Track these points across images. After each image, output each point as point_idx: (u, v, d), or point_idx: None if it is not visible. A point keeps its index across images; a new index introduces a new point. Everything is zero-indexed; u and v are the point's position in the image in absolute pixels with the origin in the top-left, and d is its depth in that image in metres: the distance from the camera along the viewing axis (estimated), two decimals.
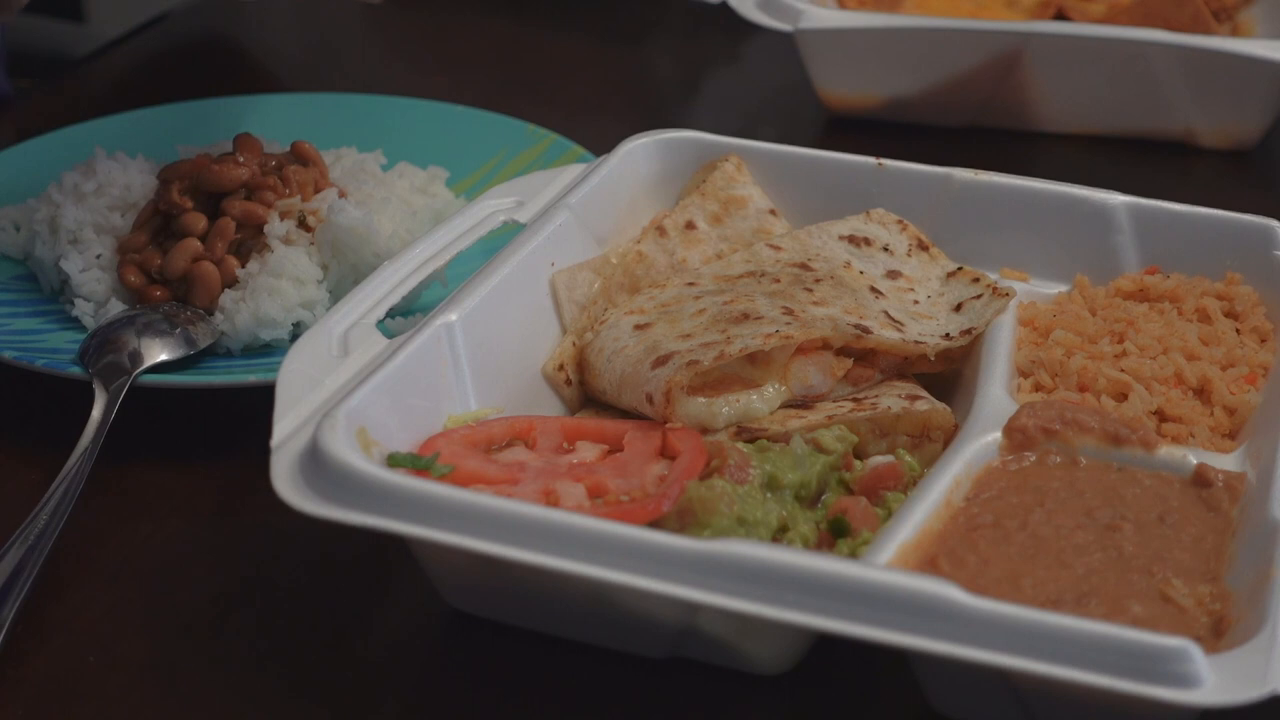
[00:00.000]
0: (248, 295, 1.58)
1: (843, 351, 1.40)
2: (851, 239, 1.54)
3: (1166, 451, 1.31)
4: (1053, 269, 1.54)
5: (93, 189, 1.69)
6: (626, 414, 1.39)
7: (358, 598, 1.34)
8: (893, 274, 1.52)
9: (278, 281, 1.59)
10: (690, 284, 1.48)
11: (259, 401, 1.33)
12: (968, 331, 1.44)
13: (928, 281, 1.52)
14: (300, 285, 1.60)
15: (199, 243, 1.62)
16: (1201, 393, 1.38)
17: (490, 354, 1.38)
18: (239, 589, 1.37)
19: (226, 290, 1.59)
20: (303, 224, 1.66)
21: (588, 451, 1.32)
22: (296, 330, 1.61)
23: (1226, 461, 1.30)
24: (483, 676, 1.26)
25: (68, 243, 1.66)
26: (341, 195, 1.70)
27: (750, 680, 1.23)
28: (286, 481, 1.18)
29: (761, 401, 1.36)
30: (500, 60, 2.47)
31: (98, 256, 1.65)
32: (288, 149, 1.75)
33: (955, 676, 1.16)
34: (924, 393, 1.40)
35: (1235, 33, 2.27)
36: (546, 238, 1.47)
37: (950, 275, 1.53)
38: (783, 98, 2.30)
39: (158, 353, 1.53)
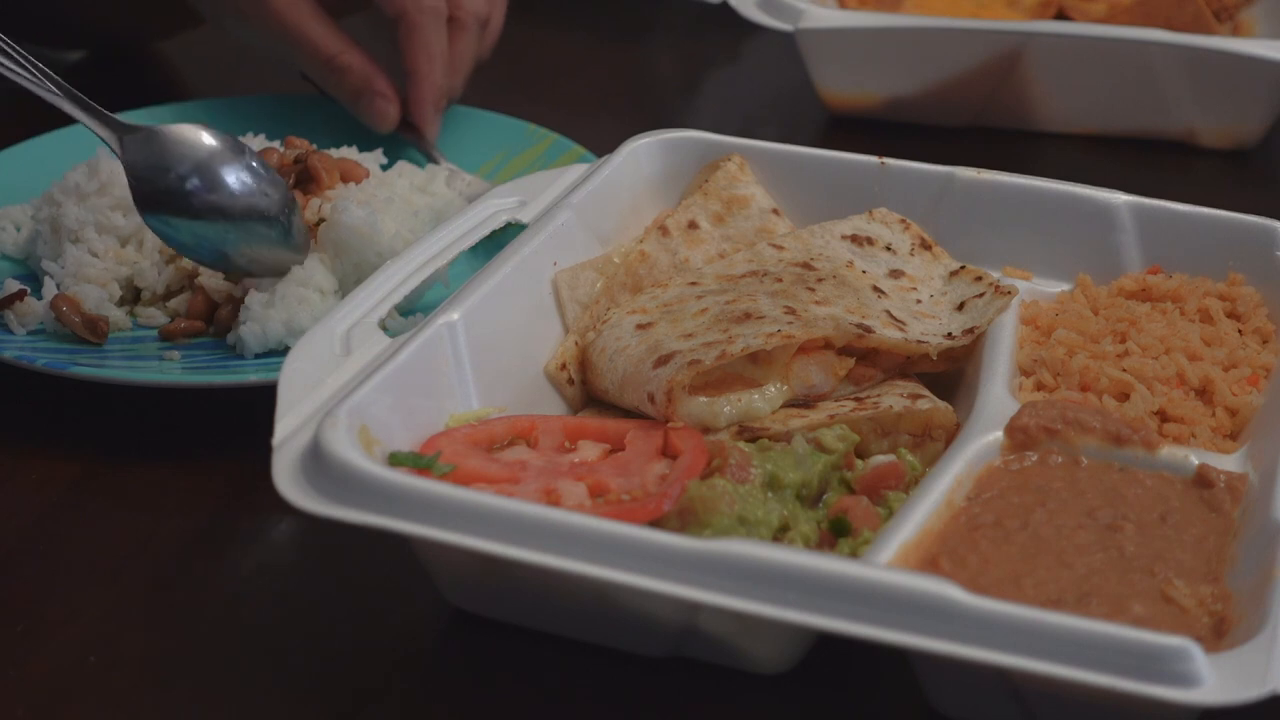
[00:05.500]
0: (277, 302, 1.58)
1: (845, 351, 1.40)
2: (854, 238, 1.54)
3: (1168, 452, 1.31)
4: (1055, 268, 1.55)
5: (95, 189, 1.69)
6: (628, 413, 1.39)
7: (359, 597, 1.34)
8: (895, 273, 1.51)
9: (305, 291, 1.59)
10: (693, 283, 1.48)
11: (260, 401, 1.33)
12: (970, 330, 1.44)
13: (930, 280, 1.52)
14: (324, 296, 1.60)
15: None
16: (1203, 393, 1.38)
17: (492, 353, 1.38)
18: (239, 588, 1.37)
19: (254, 293, 1.59)
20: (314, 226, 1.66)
21: (589, 451, 1.32)
22: None
23: (1228, 462, 1.30)
24: (484, 675, 1.26)
25: (69, 242, 1.66)
26: (347, 180, 1.70)
27: (750, 680, 1.23)
28: (288, 480, 1.17)
29: (763, 401, 1.35)
30: (500, 60, 2.47)
31: (98, 256, 1.65)
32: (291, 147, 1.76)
33: (955, 676, 1.16)
34: (926, 392, 1.40)
35: (1236, 33, 2.27)
36: (549, 237, 1.47)
37: (953, 274, 1.53)
38: (783, 98, 2.30)
39: None
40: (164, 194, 1.56)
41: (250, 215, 1.57)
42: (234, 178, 1.57)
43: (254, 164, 1.59)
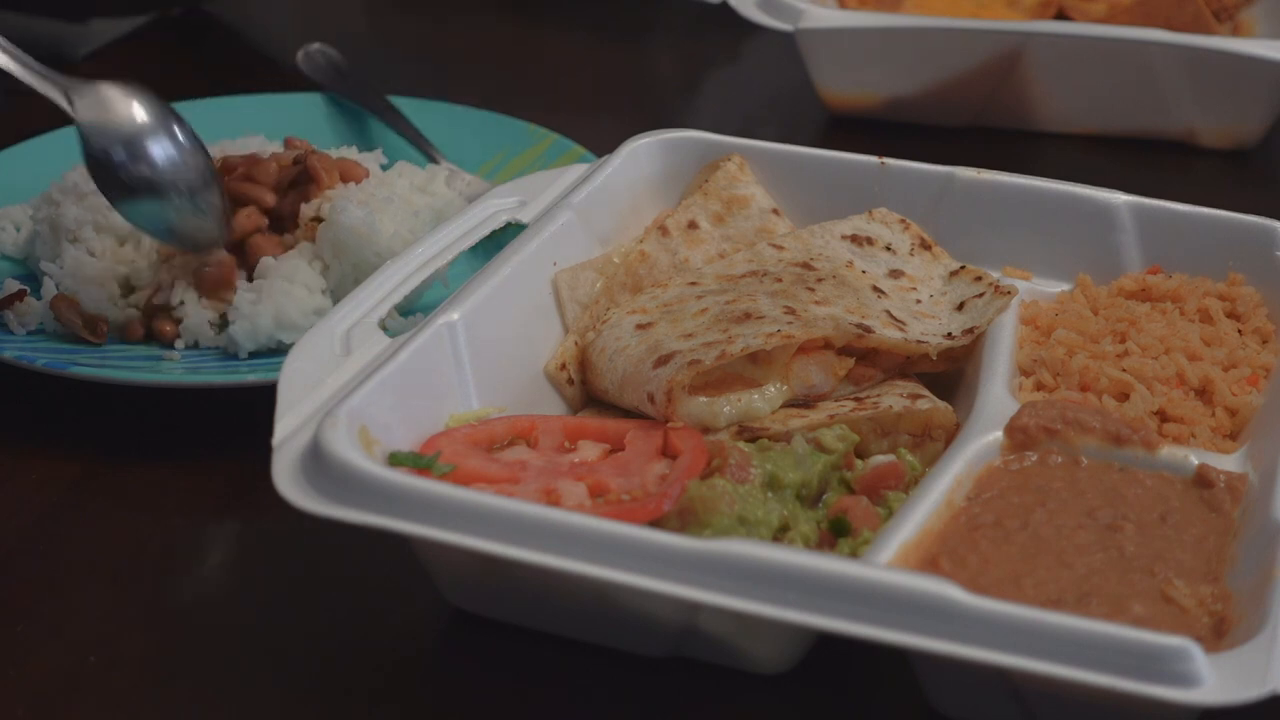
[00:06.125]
0: (264, 299, 1.58)
1: (845, 351, 1.40)
2: (854, 238, 1.54)
3: (1168, 452, 1.31)
4: (1055, 268, 1.54)
5: (94, 188, 1.69)
6: (628, 413, 1.39)
7: (359, 597, 1.34)
8: (895, 273, 1.51)
9: (291, 286, 1.59)
10: (692, 283, 1.48)
11: (260, 401, 1.33)
12: (970, 330, 1.44)
13: (930, 280, 1.52)
14: (310, 292, 1.60)
15: (264, 216, 1.67)
16: (1203, 393, 1.38)
17: (492, 353, 1.38)
18: (239, 588, 1.37)
19: (241, 292, 1.59)
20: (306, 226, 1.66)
21: (589, 451, 1.32)
22: None
23: (1228, 462, 1.30)
24: (484, 675, 1.26)
25: (68, 242, 1.66)
26: (346, 180, 1.70)
27: (750, 680, 1.23)
28: (288, 480, 1.17)
29: (763, 401, 1.35)
30: (500, 60, 2.47)
31: (96, 255, 1.65)
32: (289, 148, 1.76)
33: (955, 676, 1.16)
34: (926, 392, 1.40)
35: (1236, 32, 2.27)
36: (549, 237, 1.47)
37: (953, 274, 1.53)
38: (783, 98, 2.30)
39: None
40: (110, 161, 1.58)
41: (172, 189, 1.58)
42: (159, 150, 1.58)
43: (178, 133, 1.60)
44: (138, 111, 1.59)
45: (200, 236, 1.61)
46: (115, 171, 1.57)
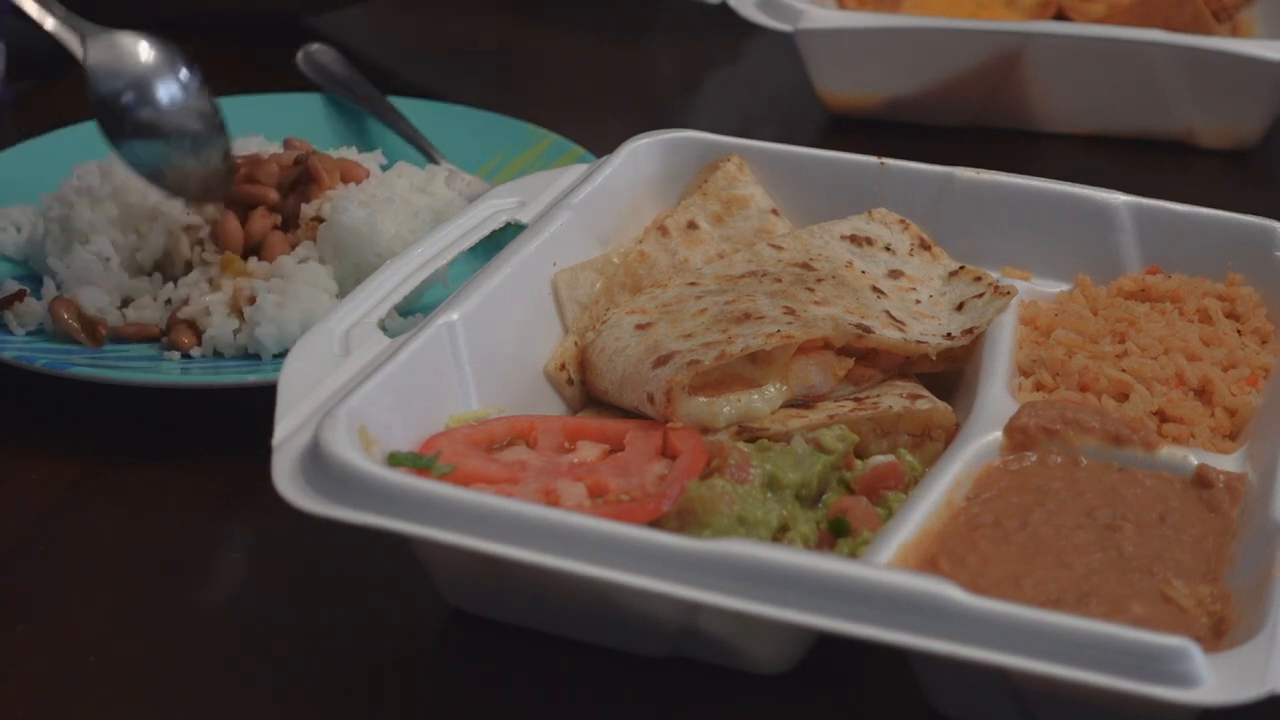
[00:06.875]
0: (290, 302, 1.58)
1: (844, 351, 1.40)
2: (853, 238, 1.54)
3: (1167, 452, 1.31)
4: (1054, 268, 1.55)
5: (108, 192, 1.68)
6: (628, 414, 1.39)
7: (358, 597, 1.34)
8: (894, 273, 1.52)
9: (315, 291, 1.59)
10: (692, 284, 1.48)
11: (260, 401, 1.33)
12: (969, 331, 1.44)
13: (930, 281, 1.52)
14: (331, 297, 1.60)
15: (275, 214, 1.68)
16: (1202, 393, 1.38)
17: (492, 353, 1.38)
18: (239, 588, 1.37)
19: (264, 294, 1.59)
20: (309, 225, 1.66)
21: (589, 451, 1.32)
22: None
23: (1227, 462, 1.30)
24: (483, 675, 1.26)
25: (78, 243, 1.66)
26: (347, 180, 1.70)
27: (750, 680, 1.23)
28: (288, 480, 1.17)
29: (763, 401, 1.36)
30: (500, 60, 2.47)
31: (107, 259, 1.65)
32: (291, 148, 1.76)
33: (955, 676, 1.17)
34: (925, 392, 1.40)
35: (1235, 33, 2.27)
36: (549, 238, 1.47)
37: (952, 274, 1.53)
38: (783, 98, 2.30)
39: None
40: (117, 105, 1.62)
41: (175, 134, 1.64)
42: (165, 94, 1.64)
43: (186, 81, 1.66)
44: (148, 57, 1.63)
45: (198, 187, 1.64)
46: (120, 114, 1.61)
